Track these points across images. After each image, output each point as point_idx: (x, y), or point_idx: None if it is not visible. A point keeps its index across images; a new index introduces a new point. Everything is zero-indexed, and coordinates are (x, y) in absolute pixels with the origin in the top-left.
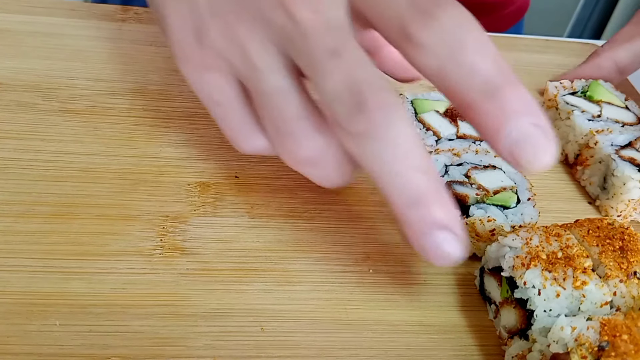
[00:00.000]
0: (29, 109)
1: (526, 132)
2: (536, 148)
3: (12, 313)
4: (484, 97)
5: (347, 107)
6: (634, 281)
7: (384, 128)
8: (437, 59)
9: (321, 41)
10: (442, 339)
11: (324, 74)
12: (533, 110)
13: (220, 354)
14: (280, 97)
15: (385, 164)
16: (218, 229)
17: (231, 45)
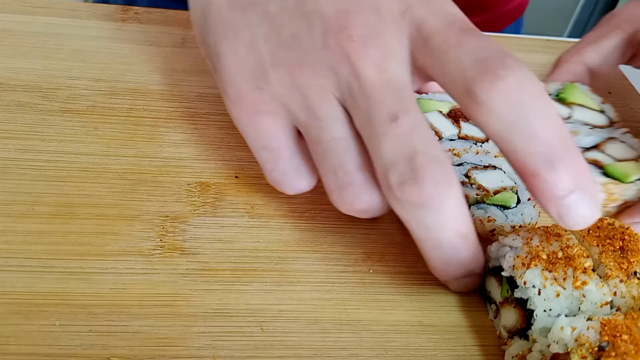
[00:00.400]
0: (29, 109)
1: (574, 201)
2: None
3: (11, 313)
4: (545, 167)
5: (400, 175)
6: (634, 281)
7: (435, 201)
8: (501, 122)
9: (382, 103)
10: (442, 339)
11: (380, 137)
12: (586, 179)
13: (219, 354)
14: (342, 148)
15: (430, 232)
16: (218, 229)
17: (291, 92)
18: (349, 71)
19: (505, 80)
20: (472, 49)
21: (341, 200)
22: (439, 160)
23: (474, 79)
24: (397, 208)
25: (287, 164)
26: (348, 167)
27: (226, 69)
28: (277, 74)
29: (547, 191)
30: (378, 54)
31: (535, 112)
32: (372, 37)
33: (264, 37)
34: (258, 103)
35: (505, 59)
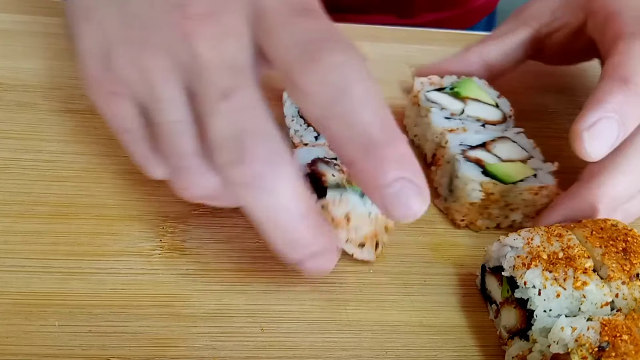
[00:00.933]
0: (29, 109)
1: (398, 190)
2: (406, 204)
3: (11, 313)
4: (362, 154)
5: (227, 155)
6: (636, 283)
7: (265, 181)
8: (319, 108)
9: (215, 80)
10: (442, 340)
11: (211, 114)
12: (408, 167)
13: (219, 354)
14: (178, 131)
15: (267, 213)
16: (218, 229)
17: (135, 73)
18: (186, 51)
19: (322, 63)
20: (299, 30)
21: (177, 185)
22: (268, 137)
23: (293, 61)
24: (232, 191)
25: (146, 146)
26: (182, 151)
27: (80, 51)
28: (121, 55)
29: (367, 180)
30: (215, 32)
31: (353, 96)
32: (210, 15)
33: (111, 17)
34: (107, 85)
35: (328, 42)
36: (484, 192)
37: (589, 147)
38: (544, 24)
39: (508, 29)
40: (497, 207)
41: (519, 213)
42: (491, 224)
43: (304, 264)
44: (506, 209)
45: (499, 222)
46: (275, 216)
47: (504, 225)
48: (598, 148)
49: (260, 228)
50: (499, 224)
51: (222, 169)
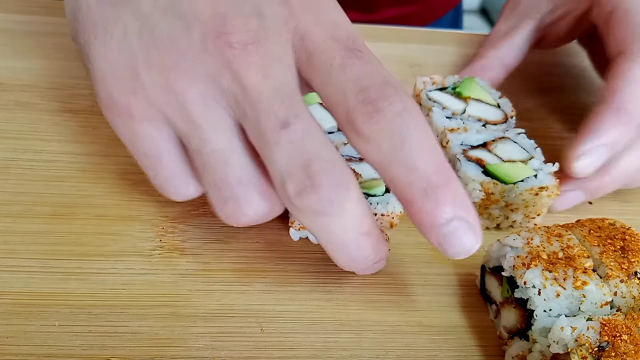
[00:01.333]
0: (29, 108)
1: (453, 229)
2: (460, 242)
3: (11, 313)
4: (421, 195)
5: (298, 184)
6: (634, 281)
7: (335, 206)
8: (380, 154)
9: (270, 110)
10: (442, 340)
11: (273, 146)
12: (463, 207)
13: (219, 354)
14: (223, 160)
15: (334, 235)
16: (217, 229)
17: (167, 97)
18: (231, 80)
19: (384, 112)
20: (353, 75)
21: (224, 214)
22: (334, 164)
23: (354, 109)
24: (299, 217)
25: (169, 171)
26: (228, 181)
27: (98, 69)
28: (152, 77)
29: (424, 220)
30: (261, 61)
31: (412, 143)
32: (253, 44)
33: (137, 35)
34: (133, 109)
35: (385, 89)
36: (484, 192)
37: (577, 169)
38: (545, 13)
39: (512, 25)
40: (498, 208)
41: (519, 214)
42: (491, 225)
43: (361, 272)
44: (506, 209)
45: (499, 222)
46: (342, 237)
47: (504, 226)
48: (585, 170)
49: (326, 247)
50: (499, 225)
51: (292, 197)
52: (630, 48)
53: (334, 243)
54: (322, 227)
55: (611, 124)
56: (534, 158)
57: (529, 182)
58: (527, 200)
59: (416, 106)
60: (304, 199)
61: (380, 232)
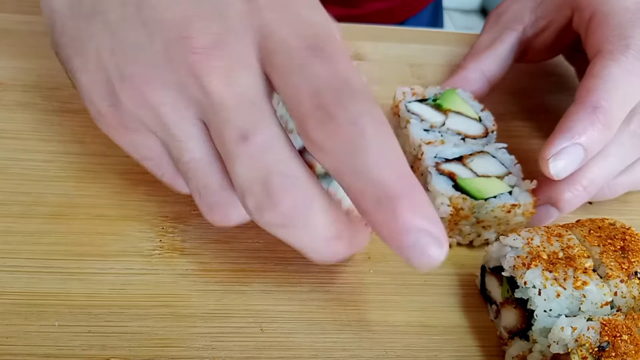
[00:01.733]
0: (29, 108)
1: (414, 241)
2: (424, 253)
3: (11, 313)
4: (375, 206)
5: (257, 200)
6: (634, 281)
7: (297, 221)
8: (332, 162)
9: (232, 120)
10: (442, 340)
11: (233, 158)
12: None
13: (219, 354)
14: (202, 168)
15: (302, 243)
16: (217, 229)
17: (146, 111)
18: (196, 87)
19: (336, 120)
20: (311, 77)
21: (211, 219)
22: (295, 179)
23: (307, 114)
24: (264, 228)
25: (173, 169)
26: (211, 188)
27: (81, 85)
28: (126, 91)
29: (381, 232)
30: (224, 66)
31: (367, 151)
32: (216, 46)
33: (108, 50)
34: (119, 120)
35: (342, 94)
36: (453, 207)
37: (554, 169)
38: (527, 25)
39: (494, 36)
40: (468, 224)
41: (492, 231)
42: (463, 241)
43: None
44: (478, 226)
45: (471, 239)
46: (312, 245)
47: (477, 244)
48: (562, 171)
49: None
50: (471, 242)
51: (252, 213)
52: (606, 47)
53: (305, 249)
54: (288, 237)
55: (586, 123)
56: (512, 174)
57: (502, 199)
58: (500, 218)
59: (376, 111)
60: (263, 215)
61: (353, 227)
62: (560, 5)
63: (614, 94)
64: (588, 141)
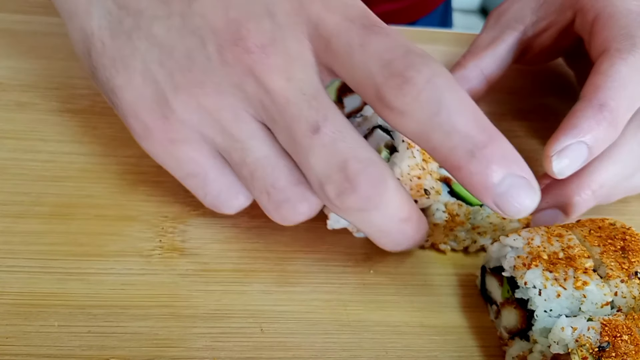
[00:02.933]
0: (28, 108)
1: (508, 187)
2: (517, 200)
3: (10, 314)
4: (467, 158)
5: (337, 187)
6: (635, 281)
7: (375, 202)
8: (417, 124)
9: (299, 115)
10: (442, 340)
11: (307, 151)
12: (514, 162)
13: (219, 355)
14: (268, 167)
15: (377, 226)
16: (217, 229)
17: (200, 116)
18: (255, 86)
19: (413, 81)
20: (376, 51)
21: (280, 217)
22: (369, 161)
23: (382, 84)
24: (342, 215)
25: (217, 186)
26: (279, 185)
27: (125, 103)
28: (180, 100)
29: (476, 183)
30: (281, 62)
31: (448, 107)
32: (270, 44)
33: (157, 62)
34: (169, 133)
35: (410, 58)
36: (448, 214)
37: (557, 168)
38: (528, 25)
39: (494, 36)
40: (464, 230)
41: (488, 238)
42: (458, 247)
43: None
44: (473, 232)
45: (467, 245)
46: (385, 227)
47: (472, 250)
48: (566, 169)
49: (370, 236)
50: (466, 248)
51: (333, 200)
52: (614, 46)
53: (377, 232)
54: (365, 221)
55: (592, 121)
56: None
57: None
58: (496, 224)
59: (445, 70)
60: (344, 201)
61: (419, 212)
62: (561, 7)
63: (622, 92)
64: (593, 140)
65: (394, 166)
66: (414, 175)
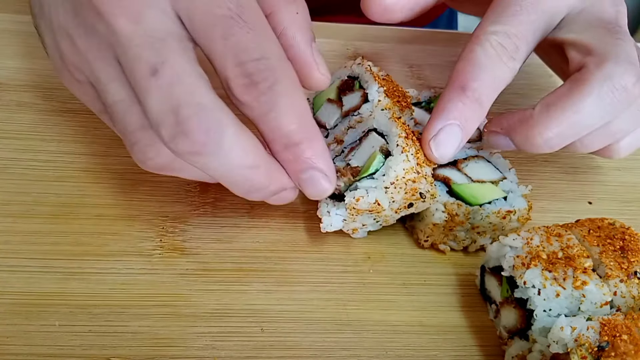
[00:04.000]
0: (29, 108)
1: (310, 176)
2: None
3: (11, 313)
4: (283, 150)
5: (170, 130)
6: (634, 281)
7: (210, 147)
8: (253, 115)
9: (140, 56)
10: (442, 339)
11: (144, 93)
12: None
13: (219, 354)
14: (122, 110)
15: (220, 173)
16: (218, 229)
17: (79, 58)
18: (105, 27)
19: (257, 86)
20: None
21: (136, 160)
22: (204, 107)
23: (232, 79)
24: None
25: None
26: (130, 128)
27: (46, 47)
28: (65, 44)
29: (288, 169)
30: (131, 5)
31: (278, 109)
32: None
33: (57, 9)
34: (68, 73)
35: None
36: (448, 214)
37: (437, 152)
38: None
39: None
40: (463, 230)
41: (487, 237)
42: (457, 247)
43: (267, 201)
44: (473, 232)
45: (466, 244)
46: (228, 173)
47: (472, 250)
48: (445, 152)
49: (219, 182)
50: (466, 247)
51: (167, 143)
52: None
53: (221, 179)
54: (203, 166)
55: (457, 101)
56: (507, 179)
57: (497, 205)
58: (495, 224)
59: (289, 75)
60: (177, 144)
61: (274, 162)
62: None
63: (481, 74)
64: (462, 119)
65: (389, 170)
66: (409, 179)
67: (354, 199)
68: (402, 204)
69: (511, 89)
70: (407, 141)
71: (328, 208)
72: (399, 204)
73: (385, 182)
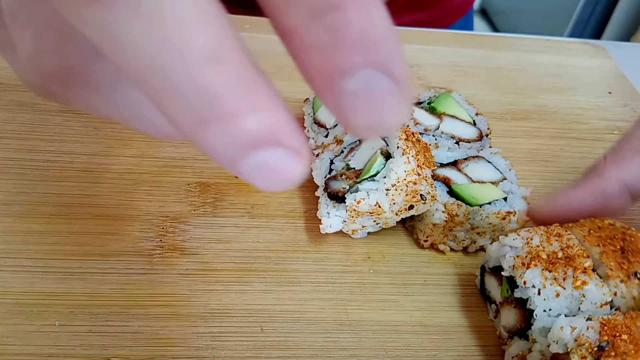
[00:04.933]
0: (29, 108)
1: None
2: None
3: (11, 313)
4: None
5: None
6: (634, 281)
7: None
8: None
9: None
10: (442, 339)
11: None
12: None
13: (219, 354)
14: None
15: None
16: (218, 229)
17: None
18: None
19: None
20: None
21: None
22: None
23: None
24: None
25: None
26: None
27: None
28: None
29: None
30: None
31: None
32: None
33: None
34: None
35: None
36: (448, 214)
37: None
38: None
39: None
40: (463, 230)
41: (487, 238)
42: (457, 247)
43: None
44: (472, 232)
45: (466, 245)
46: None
47: (471, 250)
48: None
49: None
50: (465, 247)
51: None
52: None
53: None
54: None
55: None
56: (507, 180)
57: (497, 205)
58: (495, 224)
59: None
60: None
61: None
62: None
63: None
64: None
65: (390, 172)
66: (410, 181)
67: (354, 201)
68: (403, 206)
69: None
70: (407, 143)
71: (328, 209)
72: (400, 206)
73: (387, 184)
